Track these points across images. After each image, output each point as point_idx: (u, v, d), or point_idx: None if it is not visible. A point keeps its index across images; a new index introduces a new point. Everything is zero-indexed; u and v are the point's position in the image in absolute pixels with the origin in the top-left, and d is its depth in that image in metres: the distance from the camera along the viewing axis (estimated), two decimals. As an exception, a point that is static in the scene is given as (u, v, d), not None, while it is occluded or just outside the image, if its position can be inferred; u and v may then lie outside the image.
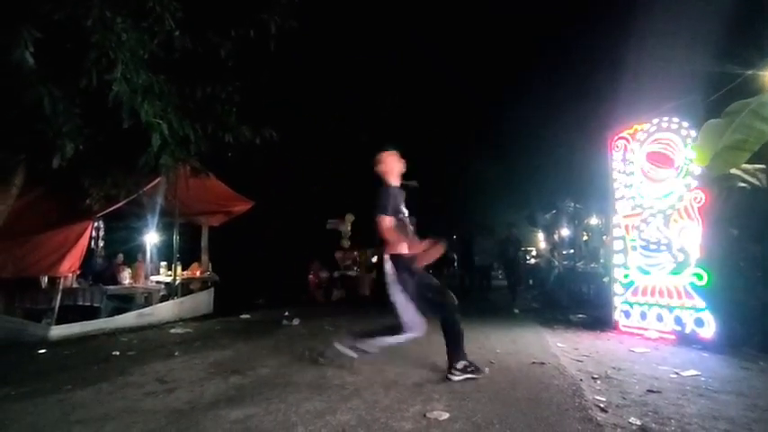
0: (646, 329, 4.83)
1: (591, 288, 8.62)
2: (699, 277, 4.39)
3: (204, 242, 8.02)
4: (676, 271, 4.60)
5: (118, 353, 4.22)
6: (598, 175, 6.07)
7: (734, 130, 3.53)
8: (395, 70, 9.84)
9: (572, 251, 11.44)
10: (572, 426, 2.25)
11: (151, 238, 7.70)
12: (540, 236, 16.55)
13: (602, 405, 2.57)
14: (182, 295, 6.82)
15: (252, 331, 5.46)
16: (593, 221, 11.06)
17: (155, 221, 7.20)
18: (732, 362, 3.69)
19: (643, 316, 4.91)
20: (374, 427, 2.25)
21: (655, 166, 4.89)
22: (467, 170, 13.68)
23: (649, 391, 2.86)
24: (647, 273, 4.92)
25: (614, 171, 5.42)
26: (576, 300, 8.42)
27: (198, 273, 7.65)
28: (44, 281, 5.75)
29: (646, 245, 4.95)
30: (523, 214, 15.62)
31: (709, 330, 4.24)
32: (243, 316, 6.72)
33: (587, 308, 7.09)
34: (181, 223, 7.15)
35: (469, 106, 11.99)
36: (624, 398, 2.74)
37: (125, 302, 6.26)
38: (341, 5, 7.98)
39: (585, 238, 11.63)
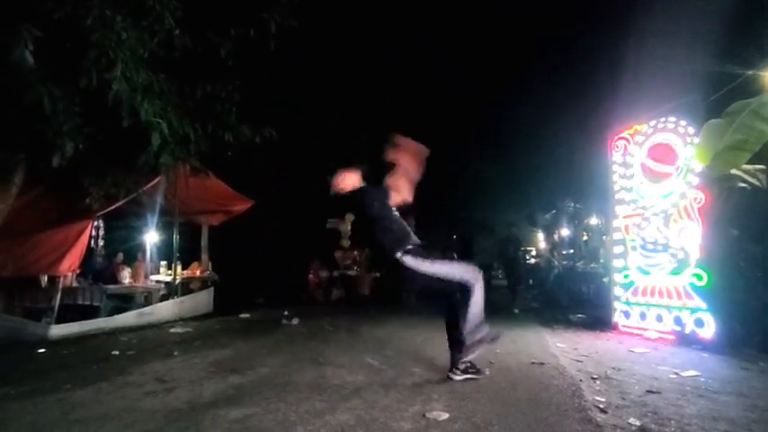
0: (645, 330, 4.83)
1: (590, 288, 8.63)
2: (699, 277, 4.39)
3: (204, 241, 8.02)
4: (676, 271, 4.61)
5: (117, 352, 4.21)
6: (598, 175, 6.07)
7: (734, 131, 3.53)
8: (395, 70, 9.82)
9: (572, 251, 11.47)
10: (571, 426, 2.25)
11: (151, 238, 7.69)
12: (540, 236, 16.58)
13: (601, 405, 2.56)
14: (181, 294, 6.82)
15: (251, 330, 5.46)
16: (593, 221, 11.08)
17: (154, 221, 7.20)
18: (732, 362, 3.69)
19: (643, 316, 4.91)
20: (373, 427, 2.25)
21: (656, 164, 4.88)
22: (467, 170, 13.65)
23: (649, 392, 2.86)
24: (647, 273, 4.92)
25: (614, 172, 5.42)
26: (576, 300, 8.43)
27: (198, 272, 7.65)
28: (44, 280, 5.74)
29: (645, 245, 4.95)
30: (523, 214, 15.64)
31: (708, 331, 4.24)
32: (242, 315, 6.71)
33: (587, 308, 7.10)
34: (180, 222, 7.15)
35: (469, 106, 11.97)
36: (624, 398, 2.74)
37: (125, 302, 6.25)
38: (341, 5, 7.97)
39: (585, 238, 11.65)
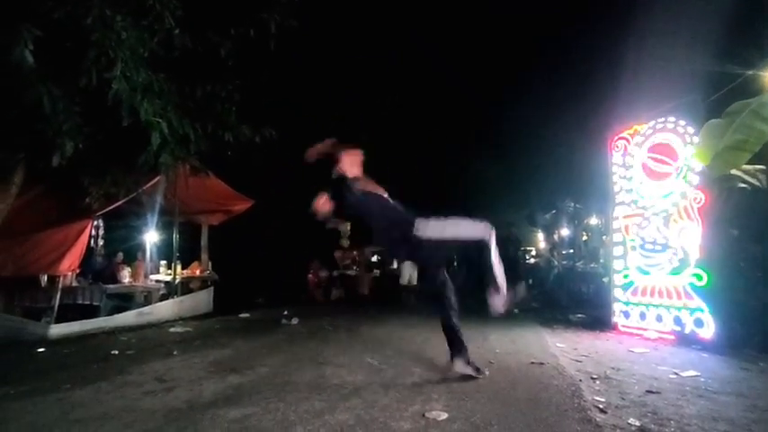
0: (645, 330, 4.83)
1: (590, 288, 8.63)
2: (699, 278, 4.39)
3: (204, 241, 8.02)
4: (676, 271, 4.61)
5: (117, 352, 4.21)
6: (598, 175, 6.06)
7: (734, 131, 3.53)
8: (395, 70, 9.82)
9: (572, 251, 11.46)
10: (571, 426, 2.24)
11: (151, 237, 7.69)
12: (540, 236, 16.56)
13: (601, 406, 2.56)
14: (181, 294, 6.82)
15: (251, 330, 5.46)
16: (592, 221, 11.08)
17: (154, 220, 7.20)
18: (732, 362, 3.69)
19: (642, 316, 4.91)
20: (373, 427, 2.25)
21: (656, 164, 4.88)
22: (467, 170, 13.64)
23: (648, 392, 2.86)
24: (647, 273, 4.92)
25: (614, 172, 5.41)
26: (576, 300, 8.42)
27: (197, 272, 7.66)
28: (44, 279, 5.74)
29: (645, 245, 4.95)
30: (523, 214, 15.60)
31: (708, 331, 4.24)
32: (242, 315, 6.72)
33: (587, 308, 7.09)
34: (180, 222, 7.15)
35: (469, 106, 11.97)
36: (623, 398, 2.73)
37: (124, 301, 6.26)
38: (341, 5, 7.97)
39: (585, 238, 11.65)
